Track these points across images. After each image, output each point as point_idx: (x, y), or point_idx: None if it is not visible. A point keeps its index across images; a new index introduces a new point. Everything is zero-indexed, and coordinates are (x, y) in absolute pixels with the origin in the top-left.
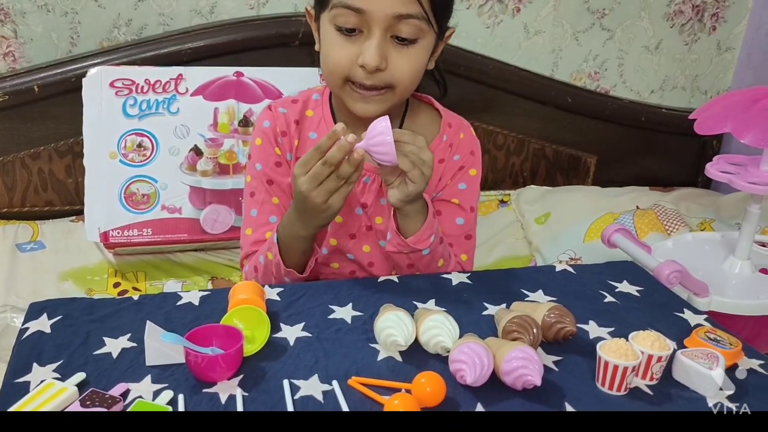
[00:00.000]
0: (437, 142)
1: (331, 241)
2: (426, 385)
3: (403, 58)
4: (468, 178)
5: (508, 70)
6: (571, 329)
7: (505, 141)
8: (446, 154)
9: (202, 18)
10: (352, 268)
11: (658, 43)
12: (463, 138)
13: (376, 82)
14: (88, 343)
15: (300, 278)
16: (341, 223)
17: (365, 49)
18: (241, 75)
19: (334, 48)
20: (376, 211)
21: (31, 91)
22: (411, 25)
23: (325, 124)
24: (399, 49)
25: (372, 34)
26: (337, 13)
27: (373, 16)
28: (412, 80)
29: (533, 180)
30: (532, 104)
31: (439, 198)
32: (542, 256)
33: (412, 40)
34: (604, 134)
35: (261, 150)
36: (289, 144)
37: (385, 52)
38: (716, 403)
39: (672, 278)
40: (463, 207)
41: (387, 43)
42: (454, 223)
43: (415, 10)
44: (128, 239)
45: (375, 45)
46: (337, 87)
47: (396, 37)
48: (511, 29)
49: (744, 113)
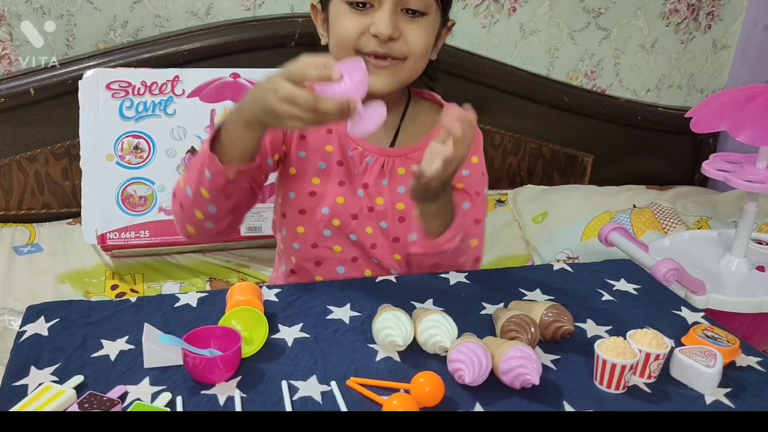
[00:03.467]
0: (437, 128)
1: (333, 221)
2: (425, 385)
3: (415, 29)
4: (470, 165)
5: (505, 70)
6: (569, 328)
7: (502, 141)
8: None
9: (198, 19)
10: (354, 254)
11: (654, 42)
12: None
13: (388, 51)
14: (86, 346)
15: (220, 172)
16: (343, 203)
17: (377, 19)
18: (237, 76)
19: (346, 20)
20: (377, 192)
21: (27, 93)
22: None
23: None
24: (409, 21)
25: (383, 6)
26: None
27: None
28: (423, 53)
29: (530, 179)
30: (529, 104)
31: None
32: (540, 256)
33: (421, 12)
34: (601, 133)
35: None
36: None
37: (397, 22)
38: (714, 401)
39: (669, 276)
40: (468, 191)
41: (398, 15)
42: (460, 207)
43: None
44: (125, 241)
45: (387, 14)
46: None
47: (406, 10)
48: (507, 29)
49: (740, 111)
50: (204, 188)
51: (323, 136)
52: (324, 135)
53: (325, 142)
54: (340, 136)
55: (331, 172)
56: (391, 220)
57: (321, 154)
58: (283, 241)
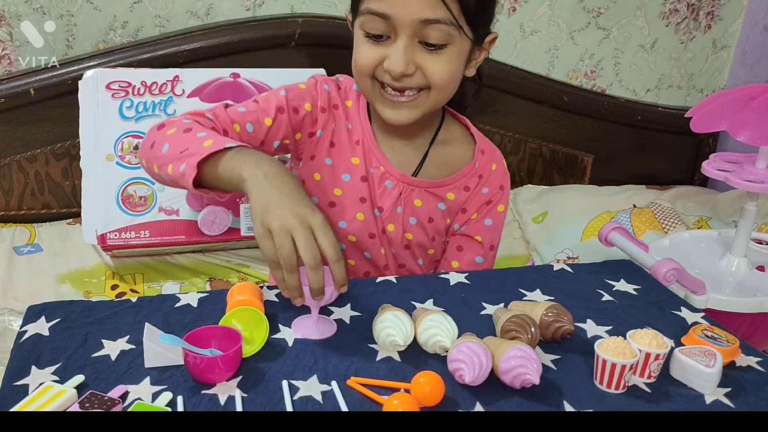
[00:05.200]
0: (469, 168)
1: (349, 237)
2: (425, 385)
3: (435, 62)
4: (495, 214)
5: (505, 70)
6: (569, 328)
7: (502, 141)
8: (474, 183)
9: (198, 20)
10: (367, 269)
11: (654, 42)
12: (494, 170)
13: (405, 84)
14: (87, 346)
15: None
16: (362, 220)
17: (391, 54)
18: (237, 76)
19: (362, 49)
20: (390, 218)
21: (28, 93)
22: (439, 30)
23: (359, 120)
24: (428, 54)
25: (398, 39)
26: (365, 20)
27: (399, 21)
28: (447, 83)
29: (530, 179)
30: (529, 104)
31: (461, 233)
32: (540, 255)
33: (441, 45)
34: (601, 133)
35: (298, 90)
36: (324, 121)
37: (412, 57)
38: (714, 401)
39: (669, 276)
40: (484, 246)
41: (415, 48)
42: (473, 261)
43: (443, 15)
44: (126, 241)
45: (401, 50)
46: (367, 89)
47: (425, 42)
48: (507, 29)
49: (740, 111)
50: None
51: (351, 147)
52: (352, 145)
53: (352, 154)
54: (365, 149)
55: (354, 186)
56: (398, 246)
57: (347, 166)
58: None
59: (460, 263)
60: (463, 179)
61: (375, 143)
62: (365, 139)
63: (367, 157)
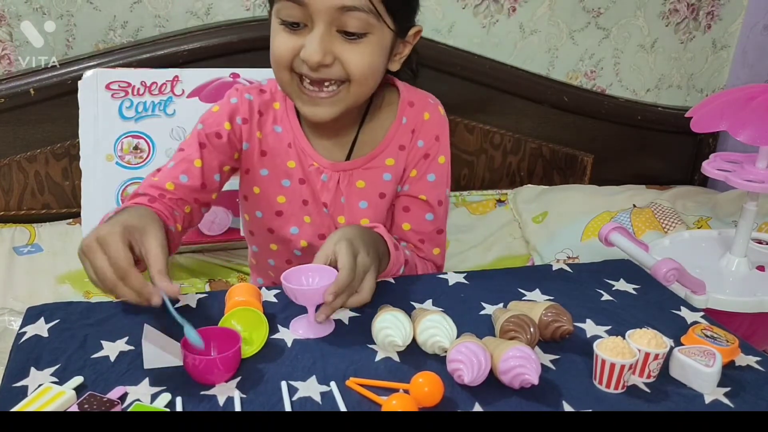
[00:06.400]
0: (395, 127)
1: (301, 242)
2: (424, 385)
3: (354, 52)
4: (436, 168)
5: (504, 70)
6: (568, 328)
7: (502, 140)
8: (407, 139)
9: (198, 20)
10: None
11: (654, 42)
12: (427, 119)
13: (322, 75)
14: (86, 347)
15: None
16: (310, 222)
17: (307, 43)
18: (237, 76)
19: (279, 38)
20: (337, 210)
21: (27, 93)
22: (357, 18)
23: (288, 120)
24: (347, 43)
25: (315, 28)
26: (281, 7)
27: (316, 8)
28: (366, 75)
29: (530, 179)
30: (529, 104)
31: (405, 193)
32: (539, 255)
33: (360, 34)
34: (601, 133)
35: (213, 115)
36: (248, 132)
37: (330, 46)
38: (713, 400)
39: (669, 276)
40: (430, 203)
41: (333, 38)
42: (423, 220)
43: (360, 3)
44: None
45: (317, 38)
46: (285, 83)
47: (343, 31)
48: (507, 29)
49: (740, 111)
50: None
51: (284, 151)
52: (285, 149)
53: (286, 158)
54: (299, 150)
55: (295, 191)
56: None
57: (284, 171)
58: (255, 256)
59: (411, 224)
60: (395, 140)
61: (306, 141)
62: (296, 140)
63: (301, 157)
